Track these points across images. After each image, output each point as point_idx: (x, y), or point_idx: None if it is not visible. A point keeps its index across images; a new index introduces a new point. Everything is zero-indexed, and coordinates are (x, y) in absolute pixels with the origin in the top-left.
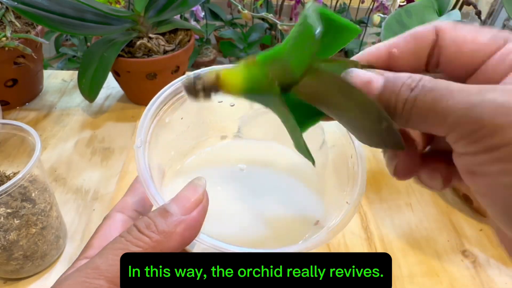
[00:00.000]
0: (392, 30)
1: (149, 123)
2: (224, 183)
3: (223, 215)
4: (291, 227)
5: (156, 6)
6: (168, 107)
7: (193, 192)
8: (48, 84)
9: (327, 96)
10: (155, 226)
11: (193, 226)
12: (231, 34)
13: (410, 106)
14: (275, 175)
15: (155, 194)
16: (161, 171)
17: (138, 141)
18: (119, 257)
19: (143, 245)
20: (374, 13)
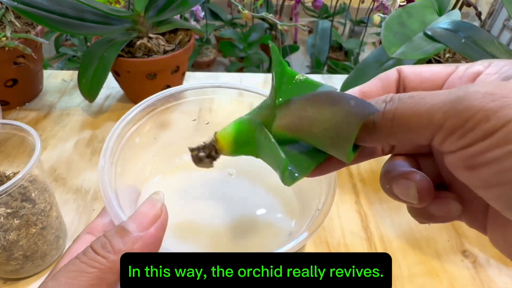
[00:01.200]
0: (392, 30)
1: (114, 143)
2: (207, 189)
3: (197, 228)
4: (265, 240)
5: (156, 6)
6: (137, 127)
7: (151, 207)
8: (48, 84)
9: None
10: (111, 246)
11: (151, 243)
12: (231, 34)
13: (391, 116)
14: (259, 185)
15: (116, 212)
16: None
17: (102, 161)
18: (72, 280)
19: (99, 266)
20: (374, 13)
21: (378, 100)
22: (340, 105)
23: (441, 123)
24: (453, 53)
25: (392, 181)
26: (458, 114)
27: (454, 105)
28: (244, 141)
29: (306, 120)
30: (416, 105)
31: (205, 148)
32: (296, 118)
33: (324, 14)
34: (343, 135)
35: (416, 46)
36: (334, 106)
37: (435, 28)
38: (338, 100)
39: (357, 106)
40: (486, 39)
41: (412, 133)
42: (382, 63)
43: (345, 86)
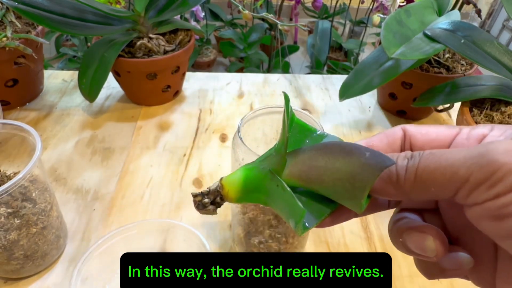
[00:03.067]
0: (392, 30)
1: None
2: None
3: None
4: None
5: (156, 6)
6: None
7: None
8: (49, 84)
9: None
10: None
11: None
12: (231, 34)
13: (413, 172)
14: None
15: None
16: None
17: None
18: None
19: None
20: (374, 13)
21: (399, 156)
22: (355, 157)
23: (466, 177)
24: (452, 53)
25: (406, 235)
26: (483, 168)
27: (478, 160)
28: (253, 188)
29: (317, 170)
30: (438, 161)
31: (210, 194)
32: (307, 168)
33: (324, 14)
34: (358, 186)
35: (415, 47)
36: (348, 157)
37: (434, 29)
38: (352, 151)
39: (373, 158)
40: (486, 40)
41: (436, 187)
42: (381, 64)
43: (344, 87)
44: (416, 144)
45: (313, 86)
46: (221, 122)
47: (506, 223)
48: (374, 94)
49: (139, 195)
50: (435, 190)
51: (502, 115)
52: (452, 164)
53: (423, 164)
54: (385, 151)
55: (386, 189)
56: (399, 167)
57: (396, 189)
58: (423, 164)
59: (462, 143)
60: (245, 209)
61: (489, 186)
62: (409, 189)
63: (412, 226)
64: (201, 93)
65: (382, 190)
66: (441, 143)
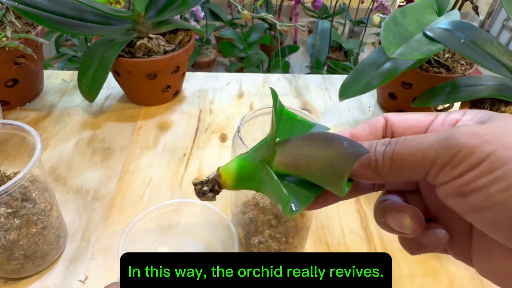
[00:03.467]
0: (392, 30)
1: None
2: None
3: None
4: None
5: (156, 6)
6: None
7: None
8: (49, 84)
9: (298, 156)
10: None
11: None
12: (231, 34)
13: (389, 156)
14: None
15: None
16: None
17: None
18: None
19: None
20: (373, 13)
21: (378, 143)
22: (334, 146)
23: (434, 159)
24: (452, 53)
25: (387, 214)
26: (448, 151)
27: (443, 143)
28: (246, 176)
29: (303, 158)
30: (411, 146)
31: (208, 183)
32: (294, 156)
33: (323, 14)
34: (338, 172)
35: (415, 47)
36: (329, 146)
37: (434, 28)
38: (332, 141)
39: (350, 147)
40: (486, 39)
41: (409, 170)
42: (381, 64)
43: (344, 87)
44: (397, 131)
45: (313, 86)
46: (221, 122)
47: (469, 199)
48: (374, 94)
49: (139, 195)
50: (408, 172)
51: None
52: (422, 148)
53: (397, 150)
54: (368, 138)
55: (366, 173)
56: (377, 153)
57: (375, 173)
58: (397, 149)
59: (437, 128)
60: (245, 209)
61: (453, 167)
62: (386, 173)
63: (393, 206)
64: (201, 93)
65: (363, 174)
66: (418, 129)
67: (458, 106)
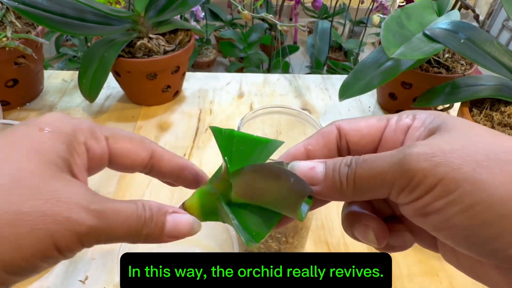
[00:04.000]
0: (392, 30)
1: None
2: None
3: None
4: None
5: (156, 6)
6: None
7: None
8: (49, 84)
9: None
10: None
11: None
12: (231, 35)
13: (352, 178)
14: None
15: None
16: None
17: None
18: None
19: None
20: (373, 13)
21: (341, 163)
22: (282, 181)
23: (392, 182)
24: (452, 53)
25: (353, 228)
26: (403, 175)
27: (398, 168)
28: (209, 211)
29: (258, 190)
30: (369, 169)
31: None
32: (249, 188)
33: (323, 14)
34: (290, 206)
35: (415, 47)
36: (278, 181)
37: (434, 29)
38: (280, 176)
39: (296, 185)
40: (485, 40)
41: (371, 192)
42: (381, 64)
43: (344, 87)
44: (352, 141)
45: (313, 86)
46: (221, 122)
47: (429, 220)
48: (374, 94)
49: (139, 195)
50: (372, 193)
51: (502, 115)
52: (379, 173)
53: (358, 173)
54: (322, 153)
55: (332, 195)
56: (341, 175)
57: (340, 194)
58: (358, 172)
59: (390, 137)
60: None
61: (410, 191)
62: (351, 194)
63: (358, 220)
64: (201, 93)
65: (329, 195)
66: (373, 138)
67: (458, 106)
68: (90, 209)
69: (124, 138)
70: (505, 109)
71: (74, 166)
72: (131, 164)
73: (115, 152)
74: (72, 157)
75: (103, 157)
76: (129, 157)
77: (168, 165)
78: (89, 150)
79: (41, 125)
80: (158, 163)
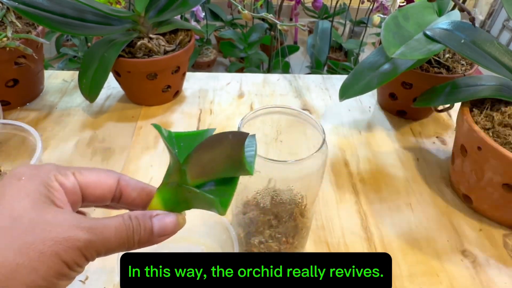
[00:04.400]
0: (392, 30)
1: None
2: None
3: None
4: None
5: (156, 6)
6: None
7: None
8: (49, 84)
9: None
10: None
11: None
12: (231, 35)
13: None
14: None
15: None
16: None
17: None
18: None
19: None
20: (374, 13)
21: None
22: (223, 142)
23: None
24: (452, 53)
25: None
26: None
27: None
28: (173, 204)
29: (207, 165)
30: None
31: None
32: (200, 167)
33: (324, 14)
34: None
35: (415, 47)
36: (220, 144)
37: (434, 29)
38: (220, 139)
39: (235, 136)
40: (486, 40)
41: None
42: (380, 64)
43: (344, 87)
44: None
45: (313, 86)
46: (221, 122)
47: None
48: (374, 94)
49: None
50: None
51: (502, 115)
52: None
53: None
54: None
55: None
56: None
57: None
58: None
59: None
60: (246, 209)
61: None
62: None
63: None
64: (201, 93)
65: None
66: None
67: (458, 106)
68: (82, 226)
69: (89, 170)
70: (505, 109)
71: (56, 200)
72: (102, 193)
73: (84, 184)
74: (51, 193)
75: (76, 190)
76: (97, 187)
77: (135, 190)
78: (62, 185)
79: (18, 176)
80: (125, 189)
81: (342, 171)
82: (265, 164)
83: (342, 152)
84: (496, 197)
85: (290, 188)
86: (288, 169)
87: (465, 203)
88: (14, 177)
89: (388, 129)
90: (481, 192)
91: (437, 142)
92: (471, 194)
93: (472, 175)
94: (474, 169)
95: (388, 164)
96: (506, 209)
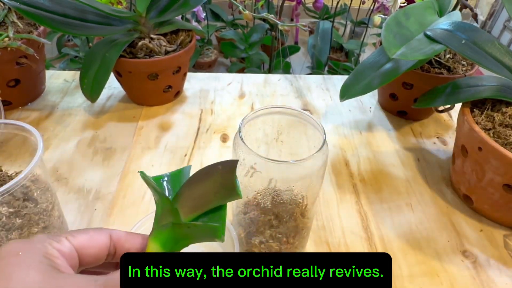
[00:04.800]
0: (393, 31)
1: None
2: None
3: None
4: None
5: (157, 7)
6: None
7: None
8: (50, 84)
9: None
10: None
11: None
12: (232, 35)
13: None
14: None
15: None
16: None
17: None
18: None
19: None
20: (374, 14)
21: None
22: (213, 173)
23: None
24: (453, 54)
25: None
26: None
27: None
28: (172, 244)
29: (200, 198)
30: None
31: None
32: (192, 202)
33: (324, 15)
34: (229, 185)
35: (416, 47)
36: (210, 176)
37: (435, 29)
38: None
39: (225, 165)
40: (487, 40)
41: None
42: (381, 65)
43: (345, 87)
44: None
45: (314, 86)
46: (222, 123)
47: None
48: (374, 94)
49: (140, 195)
50: None
51: (503, 115)
52: None
53: None
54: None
55: None
56: None
57: None
58: None
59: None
60: (246, 209)
61: None
62: None
63: None
64: (202, 93)
65: None
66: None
67: (459, 107)
68: (98, 284)
69: (80, 232)
70: (506, 110)
71: (60, 267)
72: (97, 251)
73: (79, 246)
74: (53, 262)
75: (73, 254)
76: (92, 246)
77: (127, 241)
78: (60, 252)
79: (13, 252)
80: (118, 242)
81: (343, 171)
82: (266, 164)
83: (342, 152)
84: (497, 198)
85: (290, 188)
86: (289, 169)
87: (465, 204)
88: (10, 254)
89: (389, 129)
90: (482, 192)
91: (438, 142)
92: (472, 194)
93: (473, 175)
94: (475, 170)
95: (388, 164)
96: (506, 209)
